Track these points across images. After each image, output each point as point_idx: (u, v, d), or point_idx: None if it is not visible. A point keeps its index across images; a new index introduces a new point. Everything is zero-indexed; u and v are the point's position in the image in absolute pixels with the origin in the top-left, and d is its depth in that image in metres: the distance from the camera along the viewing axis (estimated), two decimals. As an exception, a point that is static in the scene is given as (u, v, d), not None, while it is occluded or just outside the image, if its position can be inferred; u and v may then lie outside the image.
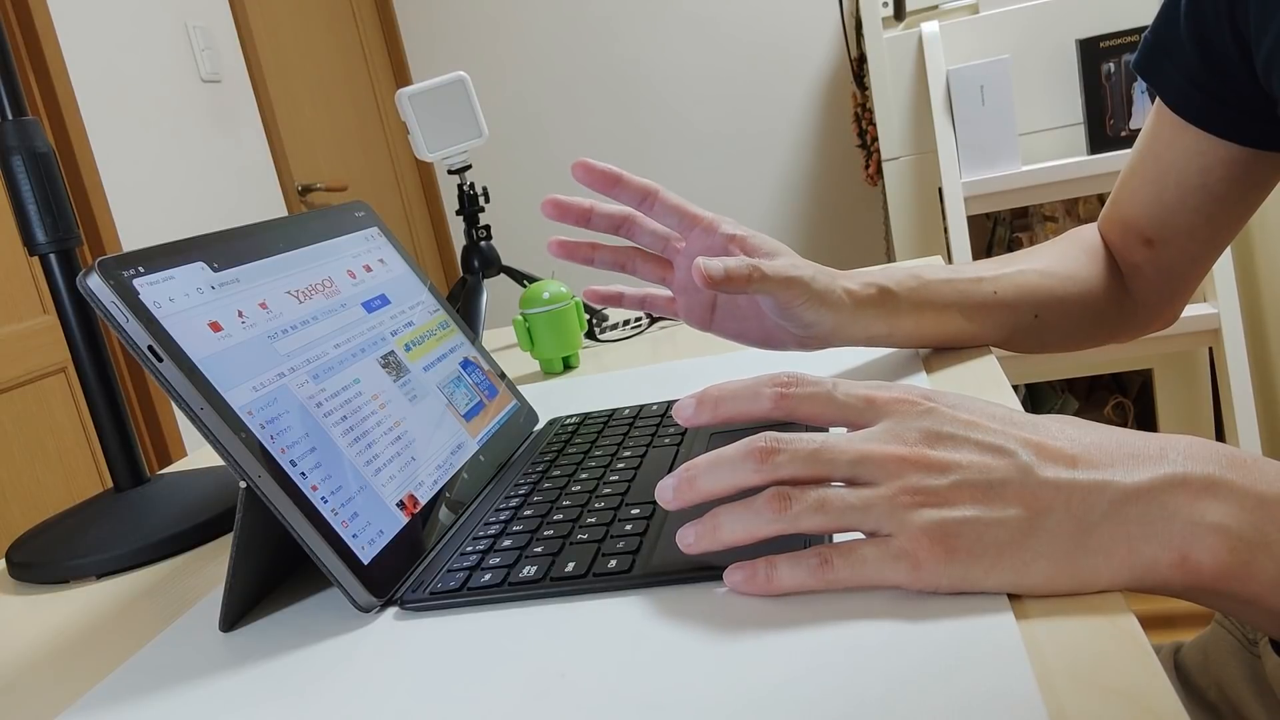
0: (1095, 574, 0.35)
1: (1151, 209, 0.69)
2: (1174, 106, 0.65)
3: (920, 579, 0.36)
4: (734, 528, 0.39)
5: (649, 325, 1.01)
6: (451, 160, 1.04)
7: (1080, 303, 0.69)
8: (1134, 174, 0.71)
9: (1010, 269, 0.67)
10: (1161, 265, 0.71)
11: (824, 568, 0.38)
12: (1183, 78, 0.64)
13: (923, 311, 0.63)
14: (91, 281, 0.43)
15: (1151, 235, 0.70)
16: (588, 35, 3.09)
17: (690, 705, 0.33)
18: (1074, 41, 1.80)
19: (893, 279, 0.62)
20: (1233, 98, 0.62)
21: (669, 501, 0.41)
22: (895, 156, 1.98)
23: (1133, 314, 0.73)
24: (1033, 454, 0.37)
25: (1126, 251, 0.72)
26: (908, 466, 0.37)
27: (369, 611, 0.46)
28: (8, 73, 0.65)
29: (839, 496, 0.38)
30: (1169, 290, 0.73)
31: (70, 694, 0.45)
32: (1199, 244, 0.70)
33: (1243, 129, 0.63)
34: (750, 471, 0.39)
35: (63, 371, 1.81)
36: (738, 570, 0.40)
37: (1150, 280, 0.72)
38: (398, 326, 0.60)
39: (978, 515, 0.36)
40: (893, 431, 0.39)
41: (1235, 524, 0.34)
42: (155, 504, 0.66)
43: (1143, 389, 2.14)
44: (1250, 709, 0.60)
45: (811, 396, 0.41)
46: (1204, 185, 0.66)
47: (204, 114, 2.28)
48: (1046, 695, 0.30)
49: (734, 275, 0.55)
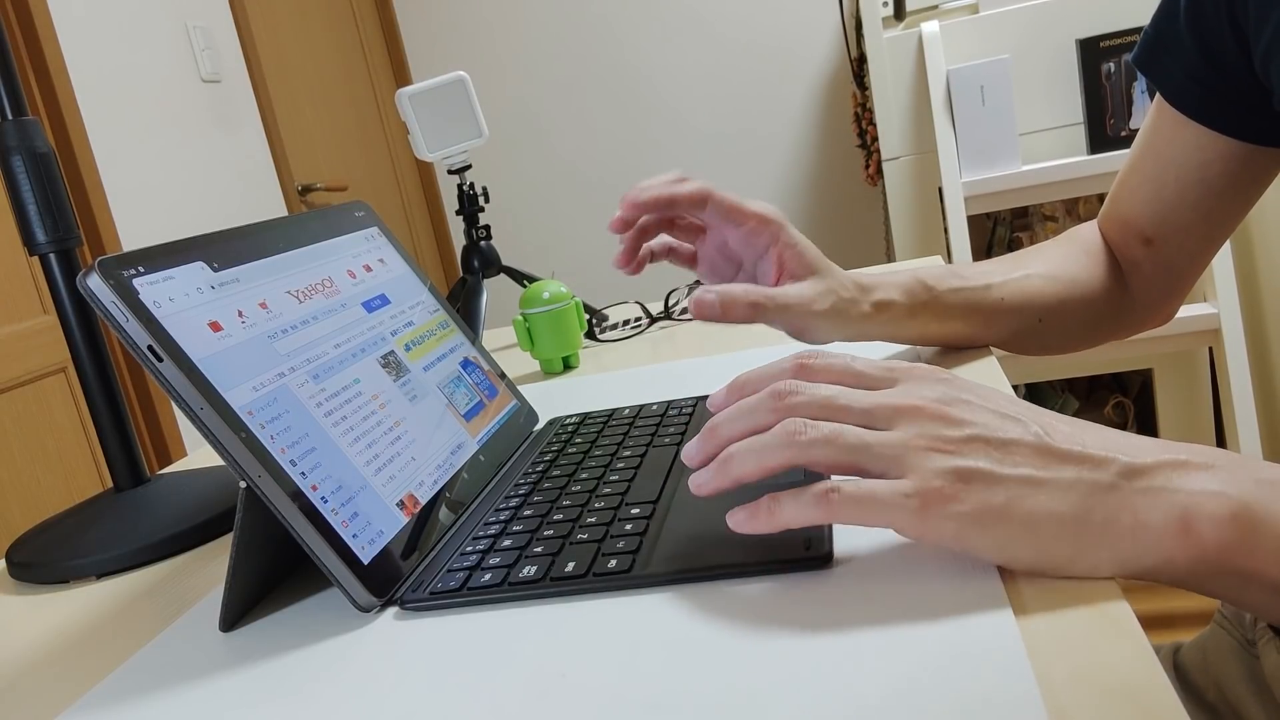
0: (1099, 541, 0.35)
1: (1150, 206, 0.69)
2: (1173, 100, 0.65)
3: (924, 523, 0.36)
4: (745, 460, 0.39)
5: (649, 325, 1.01)
6: (451, 160, 1.04)
7: (1082, 305, 0.70)
8: (1133, 171, 0.71)
9: (1017, 274, 0.67)
10: (1160, 263, 0.71)
11: (828, 498, 0.37)
12: (1182, 72, 0.64)
13: (930, 320, 0.64)
14: (91, 281, 0.43)
15: (1150, 233, 0.70)
16: (588, 35, 3.09)
17: (690, 705, 0.33)
18: (1074, 41, 1.80)
19: (904, 290, 0.63)
20: (1231, 92, 0.62)
21: (694, 458, 0.42)
22: (895, 156, 1.98)
23: (1131, 311, 0.74)
24: (1045, 426, 0.38)
25: (1126, 249, 0.72)
26: (924, 416, 0.38)
27: (369, 611, 0.46)
28: (8, 73, 0.65)
29: (854, 432, 0.38)
30: (1168, 287, 0.73)
31: (70, 694, 0.45)
32: (1197, 240, 0.70)
33: (1241, 123, 0.63)
34: (767, 412, 0.40)
35: (63, 371, 1.81)
36: (740, 510, 0.40)
37: (1149, 278, 0.72)
38: (398, 326, 0.60)
39: (990, 467, 0.36)
40: (910, 390, 0.40)
41: (1236, 492, 0.34)
42: (155, 504, 0.66)
43: (1143, 389, 2.14)
44: (1249, 709, 0.60)
45: (829, 366, 0.42)
46: (1203, 180, 0.66)
47: (204, 114, 2.28)
48: (1046, 695, 0.30)
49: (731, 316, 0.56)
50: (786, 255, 0.60)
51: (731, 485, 0.40)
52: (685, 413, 0.63)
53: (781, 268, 0.60)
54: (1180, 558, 0.34)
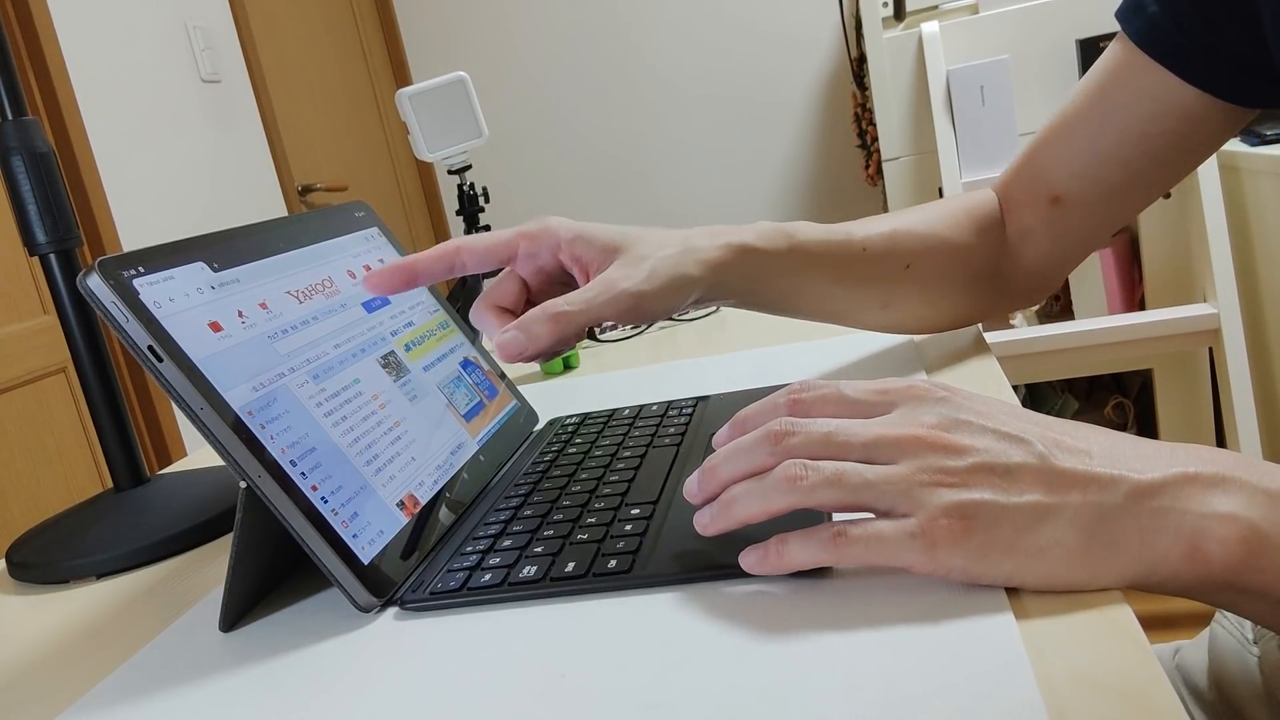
0: (1107, 565, 0.35)
1: (1078, 159, 0.66)
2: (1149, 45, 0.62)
3: (933, 560, 0.36)
4: (747, 503, 0.39)
5: (649, 325, 1.01)
6: (451, 160, 1.04)
7: (953, 259, 0.66)
8: (1067, 119, 0.66)
9: (882, 225, 0.64)
10: (1059, 229, 0.68)
11: (837, 541, 0.37)
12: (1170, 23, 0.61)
13: (790, 271, 0.59)
14: (91, 281, 0.43)
15: (1062, 190, 0.66)
16: (587, 35, 3.09)
17: (690, 705, 0.33)
18: (1074, 41, 1.80)
19: (760, 235, 0.58)
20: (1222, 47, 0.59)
21: (695, 495, 0.41)
22: (895, 156, 1.98)
23: (1012, 278, 0.70)
24: (1049, 445, 0.37)
25: (1024, 211, 0.68)
26: (925, 447, 0.37)
27: (369, 611, 0.46)
28: (8, 73, 0.65)
29: (856, 472, 0.37)
30: (1057, 260, 0.69)
31: (70, 694, 0.45)
32: (1108, 208, 0.66)
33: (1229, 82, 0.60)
34: (765, 454, 0.39)
35: (63, 371, 1.81)
36: (751, 552, 0.39)
37: (1041, 245, 0.68)
38: (398, 326, 0.60)
39: (995, 499, 0.35)
40: (909, 416, 0.39)
41: (1245, 513, 0.34)
42: (155, 504, 0.66)
43: (1143, 389, 2.14)
44: (1249, 709, 0.60)
45: (823, 397, 0.41)
46: (1145, 135, 0.63)
47: (204, 114, 2.28)
48: (1046, 695, 0.30)
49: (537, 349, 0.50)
50: (578, 251, 0.54)
51: (736, 527, 0.40)
52: (685, 413, 0.63)
53: (582, 266, 0.55)
54: (1186, 575, 0.34)
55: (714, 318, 1.00)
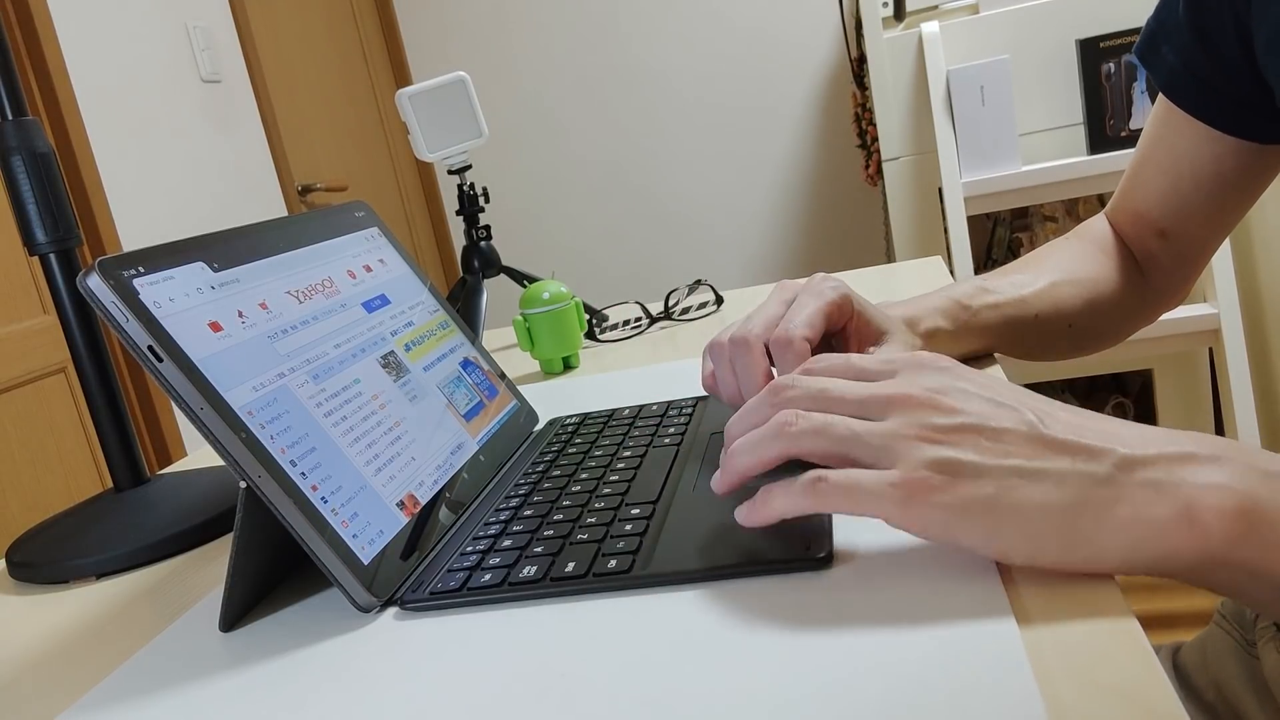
0: (1095, 535, 0.34)
1: (1167, 199, 0.69)
2: (1171, 95, 0.65)
3: (908, 513, 0.36)
4: (743, 454, 0.41)
5: (649, 325, 1.01)
6: (451, 160, 1.04)
7: (1108, 304, 0.70)
8: (1145, 164, 0.71)
9: (1043, 283, 0.66)
10: (1176, 253, 0.72)
11: (817, 486, 0.37)
12: (1181, 64, 0.64)
13: (970, 339, 0.63)
14: (91, 281, 0.43)
15: (1165, 226, 0.70)
16: (587, 35, 3.09)
17: (690, 705, 0.33)
18: (1074, 41, 1.80)
19: (945, 314, 0.62)
20: (1230, 88, 0.62)
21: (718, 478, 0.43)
22: (895, 156, 1.98)
23: (1151, 301, 0.75)
24: (1041, 415, 0.37)
25: (1141, 242, 0.73)
26: (915, 405, 0.38)
27: (369, 611, 0.46)
28: (8, 73, 0.65)
29: (844, 423, 0.38)
30: (1183, 275, 0.74)
31: (70, 694, 0.45)
32: (1212, 229, 0.70)
33: (1239, 121, 0.63)
34: (766, 408, 0.41)
35: (63, 371, 1.81)
36: (743, 505, 0.41)
37: (1166, 268, 0.73)
38: (398, 326, 0.60)
39: (979, 459, 0.35)
40: (906, 379, 0.40)
41: (1242, 486, 0.33)
42: (155, 504, 0.66)
43: (1143, 389, 2.14)
44: (1248, 709, 0.60)
45: (830, 365, 0.43)
46: (1218, 174, 0.66)
47: (204, 114, 2.28)
48: (1046, 695, 0.30)
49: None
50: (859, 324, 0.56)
51: (738, 479, 0.41)
52: (685, 413, 0.63)
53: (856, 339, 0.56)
54: (1185, 551, 0.33)
55: (714, 317, 1.00)
